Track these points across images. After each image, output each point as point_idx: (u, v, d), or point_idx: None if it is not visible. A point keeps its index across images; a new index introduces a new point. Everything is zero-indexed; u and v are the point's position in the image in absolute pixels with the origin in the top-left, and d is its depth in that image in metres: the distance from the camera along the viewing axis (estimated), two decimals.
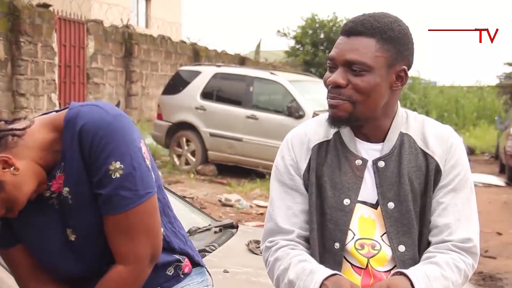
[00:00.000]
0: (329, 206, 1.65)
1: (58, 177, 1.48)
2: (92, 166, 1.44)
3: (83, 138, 1.43)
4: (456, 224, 1.64)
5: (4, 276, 1.87)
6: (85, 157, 1.44)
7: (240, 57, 18.11)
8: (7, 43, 9.05)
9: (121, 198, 1.45)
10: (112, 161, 1.43)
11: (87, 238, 1.52)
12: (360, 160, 1.66)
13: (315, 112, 9.10)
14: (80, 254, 1.54)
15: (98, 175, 1.44)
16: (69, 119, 1.46)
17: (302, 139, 1.71)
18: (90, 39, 11.32)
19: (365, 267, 1.64)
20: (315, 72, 20.30)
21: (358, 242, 1.65)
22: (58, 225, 1.52)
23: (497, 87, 26.25)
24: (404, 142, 1.68)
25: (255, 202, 8.01)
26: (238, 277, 2.20)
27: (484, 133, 19.70)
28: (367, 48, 1.58)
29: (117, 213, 1.46)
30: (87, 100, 11.22)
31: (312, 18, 23.46)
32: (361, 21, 1.61)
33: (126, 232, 1.48)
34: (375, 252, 1.64)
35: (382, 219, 1.65)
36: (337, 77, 1.60)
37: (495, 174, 12.15)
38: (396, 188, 1.64)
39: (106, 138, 1.43)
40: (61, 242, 1.53)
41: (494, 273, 5.28)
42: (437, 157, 1.66)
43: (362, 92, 1.59)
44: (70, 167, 1.47)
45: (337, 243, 1.64)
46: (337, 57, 1.61)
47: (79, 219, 1.50)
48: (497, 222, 7.22)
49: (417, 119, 1.73)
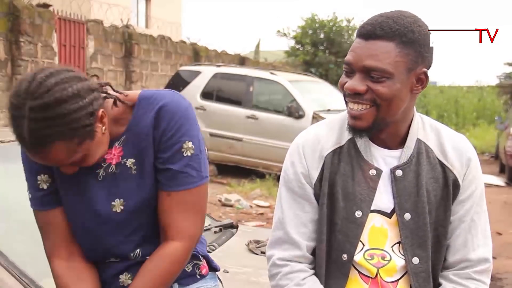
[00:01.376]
0: (340, 217, 1.60)
1: (114, 149, 1.58)
2: (165, 143, 1.54)
3: (162, 115, 1.54)
4: (473, 241, 1.63)
5: (4, 276, 1.87)
6: (159, 134, 1.54)
7: (240, 57, 18.08)
8: (7, 43, 9.04)
9: (187, 176, 1.56)
10: (185, 140, 1.55)
11: (133, 212, 1.57)
12: (375, 170, 1.60)
13: (315, 112, 9.10)
14: (118, 227, 1.59)
15: (171, 151, 1.55)
16: (144, 97, 1.59)
17: (315, 146, 1.64)
18: (90, 39, 11.31)
19: (374, 276, 1.61)
20: (315, 72, 20.28)
21: (368, 253, 1.61)
22: (103, 194, 1.58)
23: (497, 87, 26.22)
24: (422, 151, 1.62)
25: (255, 202, 8.01)
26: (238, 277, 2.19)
27: (484, 133, 19.71)
28: (387, 53, 1.50)
29: (181, 189, 1.56)
30: None
31: (312, 18, 23.41)
32: (380, 23, 1.52)
33: (185, 209, 1.57)
34: (385, 263, 1.61)
35: (395, 229, 1.61)
36: (355, 83, 1.53)
37: (495, 174, 12.15)
38: (414, 199, 1.59)
39: (183, 120, 1.55)
40: (103, 212, 1.58)
41: (494, 273, 5.27)
42: (456, 171, 1.62)
43: (383, 99, 1.52)
44: (136, 141, 1.56)
45: (345, 255, 1.60)
46: (354, 63, 1.53)
47: (134, 191, 1.56)
48: (497, 222, 7.21)
49: (433, 127, 1.68)
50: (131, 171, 1.57)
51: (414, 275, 1.60)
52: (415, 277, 1.60)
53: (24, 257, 2.04)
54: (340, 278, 1.61)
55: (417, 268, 1.60)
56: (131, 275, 1.64)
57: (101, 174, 1.59)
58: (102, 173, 1.59)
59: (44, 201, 1.63)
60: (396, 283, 1.61)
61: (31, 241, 2.22)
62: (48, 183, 1.62)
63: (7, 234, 2.18)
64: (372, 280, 1.61)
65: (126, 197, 1.57)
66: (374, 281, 1.61)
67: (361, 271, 1.62)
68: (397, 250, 1.61)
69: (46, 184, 1.63)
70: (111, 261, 1.64)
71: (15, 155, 2.55)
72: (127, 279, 1.64)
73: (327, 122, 1.71)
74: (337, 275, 1.62)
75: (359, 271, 1.62)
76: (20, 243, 2.18)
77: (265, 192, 8.62)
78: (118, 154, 1.58)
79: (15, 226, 2.26)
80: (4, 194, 2.39)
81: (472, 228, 1.63)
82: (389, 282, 1.61)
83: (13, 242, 2.15)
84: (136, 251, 1.62)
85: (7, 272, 1.87)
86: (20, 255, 2.02)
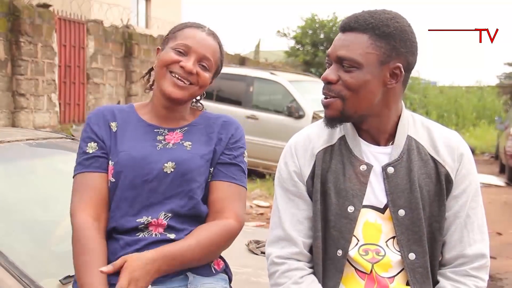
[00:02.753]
0: (333, 213, 1.63)
1: (176, 133, 1.85)
2: (233, 144, 1.86)
3: (230, 124, 1.89)
4: (469, 237, 1.63)
5: (4, 276, 1.87)
6: (227, 136, 1.86)
7: (240, 57, 18.09)
8: (7, 43, 9.04)
9: (245, 177, 1.87)
10: (245, 149, 1.90)
11: (180, 176, 1.76)
12: (365, 166, 1.63)
13: (315, 112, 9.09)
14: (162, 187, 1.75)
15: (238, 152, 1.86)
16: (208, 112, 1.95)
17: (306, 145, 1.70)
18: (90, 39, 11.31)
19: (369, 272, 1.62)
20: (315, 72, 20.27)
21: (362, 248, 1.63)
22: (158, 157, 1.77)
23: (497, 87, 26.24)
24: (413, 147, 1.64)
25: (255, 202, 8.01)
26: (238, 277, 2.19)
27: (484, 133, 19.70)
28: (358, 44, 1.57)
29: (242, 185, 1.85)
30: (87, 100, 11.23)
31: (312, 18, 23.43)
32: (356, 17, 1.60)
33: (239, 200, 1.83)
34: (380, 258, 1.62)
35: (389, 224, 1.62)
36: (328, 72, 1.62)
37: (495, 174, 12.15)
38: (407, 195, 1.61)
39: (243, 134, 1.92)
40: (155, 170, 1.76)
41: (494, 273, 5.27)
42: (448, 167, 1.64)
43: (350, 89, 1.58)
44: (197, 133, 1.86)
45: (339, 250, 1.62)
46: (331, 53, 1.62)
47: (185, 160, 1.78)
48: (497, 222, 7.21)
49: (424, 125, 1.70)
50: (187, 148, 1.82)
51: (411, 271, 1.61)
52: (412, 272, 1.61)
53: (24, 257, 2.04)
54: (335, 274, 1.63)
55: (414, 264, 1.61)
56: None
57: (160, 146, 1.81)
58: (161, 146, 1.81)
59: (86, 164, 1.80)
60: (393, 279, 1.62)
61: (31, 241, 2.22)
62: (94, 149, 1.81)
63: (7, 234, 2.18)
64: (368, 276, 1.62)
65: (177, 162, 1.77)
66: (370, 277, 1.62)
67: (357, 267, 1.63)
68: (391, 245, 1.63)
69: (93, 149, 1.81)
70: (139, 224, 1.73)
71: (15, 155, 2.55)
72: None
73: (318, 123, 1.76)
74: (332, 271, 1.63)
75: (355, 268, 1.64)
76: (20, 243, 2.18)
77: (265, 192, 8.62)
78: (178, 137, 1.84)
79: (15, 226, 2.26)
80: (4, 194, 2.39)
81: (467, 223, 1.64)
82: (385, 278, 1.62)
83: (13, 242, 2.15)
84: (168, 214, 1.75)
85: (7, 272, 1.87)
86: (20, 255, 2.02)
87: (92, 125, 1.84)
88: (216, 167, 1.83)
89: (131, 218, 1.74)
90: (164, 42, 1.88)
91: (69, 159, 1.83)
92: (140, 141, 1.81)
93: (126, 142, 1.81)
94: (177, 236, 1.73)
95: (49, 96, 9.93)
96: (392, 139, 1.66)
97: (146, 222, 1.74)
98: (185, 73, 1.80)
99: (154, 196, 1.75)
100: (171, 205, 1.75)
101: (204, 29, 1.87)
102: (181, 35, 1.84)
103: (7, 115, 9.16)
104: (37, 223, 2.34)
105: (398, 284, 1.62)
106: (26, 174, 2.57)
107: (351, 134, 1.67)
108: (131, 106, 1.93)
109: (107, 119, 1.85)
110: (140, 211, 1.75)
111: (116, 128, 1.84)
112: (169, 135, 1.84)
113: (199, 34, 1.84)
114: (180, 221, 1.75)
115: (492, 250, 1.67)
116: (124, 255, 1.67)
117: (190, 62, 1.80)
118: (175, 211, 1.75)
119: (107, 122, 1.84)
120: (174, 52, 1.81)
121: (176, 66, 1.80)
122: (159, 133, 1.85)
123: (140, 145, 1.80)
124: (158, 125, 1.86)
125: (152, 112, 1.89)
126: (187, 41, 1.82)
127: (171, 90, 1.80)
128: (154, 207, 1.75)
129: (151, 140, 1.82)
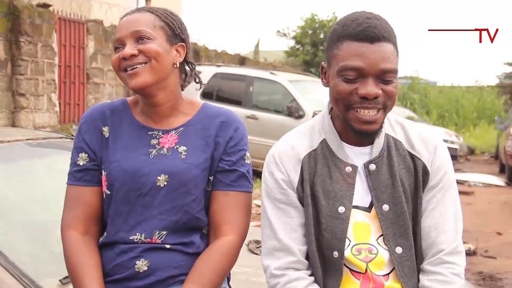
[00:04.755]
0: (324, 216, 1.63)
1: (170, 135, 1.75)
2: (232, 148, 1.76)
3: (229, 124, 1.77)
4: (444, 224, 1.65)
5: (4, 276, 1.87)
6: (226, 139, 1.75)
7: (240, 57, 18.09)
8: (7, 43, 9.04)
9: (247, 180, 1.78)
10: (247, 150, 1.79)
11: (174, 190, 1.70)
12: (350, 167, 1.65)
13: (315, 112, 9.10)
14: (156, 201, 1.70)
15: (237, 156, 1.76)
16: (208, 106, 1.83)
17: (289, 152, 1.69)
18: (90, 39, 11.31)
19: (364, 271, 1.63)
20: (315, 72, 20.28)
21: (355, 248, 1.63)
22: (151, 168, 1.71)
23: (497, 87, 26.23)
24: (391, 144, 1.68)
25: (255, 202, 7.99)
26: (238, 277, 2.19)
27: (484, 133, 19.71)
28: (393, 54, 1.57)
29: (241, 190, 1.76)
30: (87, 100, 11.23)
31: (312, 18, 23.44)
32: (380, 25, 1.56)
33: (239, 209, 1.74)
34: (373, 256, 1.63)
35: (376, 222, 1.64)
36: (374, 88, 1.55)
37: (495, 174, 12.14)
38: (390, 190, 1.64)
39: (244, 133, 1.80)
40: (147, 183, 1.70)
41: (494, 273, 5.28)
42: (424, 159, 1.67)
43: (392, 99, 1.59)
44: (193, 135, 1.75)
45: (335, 252, 1.62)
46: (368, 67, 1.54)
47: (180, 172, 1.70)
48: (497, 222, 7.22)
49: (398, 122, 1.74)
50: (181, 155, 1.73)
51: (399, 265, 1.62)
52: (400, 266, 1.62)
53: (24, 257, 2.04)
54: (335, 275, 1.63)
55: (401, 258, 1.62)
56: (148, 261, 1.69)
57: (153, 153, 1.73)
58: (154, 153, 1.74)
59: (77, 176, 1.77)
60: (387, 276, 1.63)
61: (31, 241, 2.22)
62: (85, 161, 1.77)
63: (7, 234, 2.18)
64: (363, 275, 1.63)
65: (171, 174, 1.70)
66: (365, 276, 1.63)
67: (352, 268, 1.64)
68: (382, 242, 1.64)
69: (83, 161, 1.77)
70: (134, 241, 1.69)
71: (15, 155, 2.55)
72: (143, 265, 1.69)
73: (295, 131, 1.77)
74: (333, 273, 1.64)
75: (350, 269, 1.64)
76: (20, 243, 2.18)
77: None
78: (173, 141, 1.75)
79: (15, 226, 2.26)
80: (4, 194, 2.39)
81: (442, 212, 1.66)
82: (380, 276, 1.63)
83: (13, 242, 2.15)
84: (162, 233, 1.70)
85: (7, 272, 1.87)
86: (20, 255, 2.02)
87: (83, 133, 1.78)
88: (215, 176, 1.75)
89: (125, 234, 1.71)
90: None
91: (69, 159, 1.83)
92: (133, 148, 1.74)
93: (119, 149, 1.74)
94: (172, 246, 1.71)
95: (49, 96, 9.93)
96: (371, 139, 1.67)
97: (140, 242, 1.71)
98: (129, 61, 1.67)
99: (147, 212, 1.70)
100: (165, 221, 1.70)
101: (132, 11, 1.76)
102: (116, 33, 1.74)
103: (7, 115, 9.16)
104: (37, 223, 2.34)
105: (393, 281, 1.63)
106: (26, 174, 2.57)
107: (333, 137, 1.67)
108: (124, 103, 1.83)
109: (97, 125, 1.78)
110: (134, 226, 1.71)
111: (108, 133, 1.77)
112: (163, 137, 1.75)
113: (125, 19, 1.73)
114: (176, 236, 1.71)
115: (492, 250, 1.68)
116: (120, 262, 1.69)
117: (126, 48, 1.68)
118: (169, 227, 1.71)
119: (98, 129, 1.77)
120: (115, 52, 1.72)
121: (121, 61, 1.69)
122: (153, 136, 1.76)
123: (132, 154, 1.73)
124: (152, 127, 1.77)
125: (144, 111, 1.80)
126: (117, 34, 1.71)
127: (131, 83, 1.68)
128: (147, 222, 1.70)
129: (145, 146, 1.74)
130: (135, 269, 1.69)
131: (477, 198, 9.30)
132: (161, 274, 1.69)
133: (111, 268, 1.71)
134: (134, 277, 1.69)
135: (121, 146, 1.74)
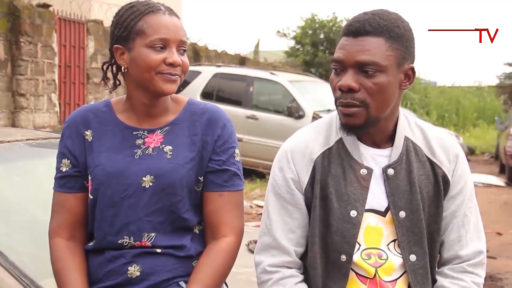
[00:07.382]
0: (335, 218, 1.60)
1: (156, 135, 1.73)
2: (220, 147, 1.73)
3: (216, 122, 1.73)
4: (467, 236, 1.64)
5: (4, 276, 1.87)
6: (214, 138, 1.72)
7: (240, 57, 18.07)
8: (7, 43, 9.04)
9: (239, 178, 1.76)
10: (236, 147, 1.75)
11: (160, 191, 1.68)
12: (365, 170, 1.61)
13: (315, 112, 9.10)
14: (142, 203, 1.68)
15: (227, 154, 1.73)
16: (193, 103, 1.79)
17: (303, 150, 1.65)
18: (90, 39, 11.30)
19: (373, 277, 1.60)
20: (315, 72, 20.26)
21: (365, 252, 1.61)
22: (136, 169, 1.69)
23: (497, 87, 26.22)
24: (411, 149, 1.63)
25: (255, 202, 8.00)
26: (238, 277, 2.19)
27: (484, 133, 19.70)
28: (378, 47, 1.52)
29: (234, 190, 1.74)
30: (87, 100, 11.22)
31: (312, 18, 23.40)
32: (367, 20, 1.54)
33: (234, 208, 1.73)
34: (383, 262, 1.61)
35: (390, 227, 1.61)
36: (349, 80, 1.53)
37: (495, 174, 12.14)
38: (408, 196, 1.60)
39: (232, 129, 1.76)
40: (132, 185, 1.68)
41: (494, 273, 5.27)
42: (445, 168, 1.64)
43: (374, 95, 1.53)
44: (180, 134, 1.72)
45: (343, 256, 1.60)
46: (346, 59, 1.54)
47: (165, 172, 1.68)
48: (497, 222, 7.21)
49: (418, 125, 1.69)
50: (167, 155, 1.70)
51: (412, 273, 1.60)
52: (413, 274, 1.60)
53: (24, 257, 2.04)
54: (340, 279, 1.61)
55: (415, 265, 1.61)
56: (140, 266, 1.67)
57: (138, 153, 1.71)
58: (139, 153, 1.71)
59: (61, 183, 1.76)
60: (395, 282, 1.61)
61: (31, 241, 2.22)
62: (68, 168, 1.75)
63: (7, 234, 2.18)
64: (370, 280, 1.61)
65: (156, 175, 1.68)
66: (372, 281, 1.61)
67: (358, 272, 1.62)
68: (392, 248, 1.62)
69: (66, 167, 1.75)
70: (123, 244, 1.68)
71: (15, 155, 2.55)
72: (136, 271, 1.68)
73: (313, 125, 1.72)
74: (337, 276, 1.61)
75: (356, 272, 1.62)
76: (20, 243, 2.18)
77: (265, 192, 8.61)
78: (158, 140, 1.72)
79: (15, 226, 2.26)
80: (4, 194, 2.39)
81: (465, 223, 1.65)
82: (387, 282, 1.61)
83: (13, 242, 2.15)
84: (150, 234, 1.68)
85: (7, 272, 1.87)
86: (20, 255, 2.02)
87: (65, 138, 1.76)
88: (206, 176, 1.72)
89: (112, 238, 1.70)
90: (123, 38, 1.70)
91: None
92: (118, 150, 1.71)
93: (103, 153, 1.71)
94: (163, 250, 1.70)
95: (49, 96, 9.93)
96: (390, 141, 1.64)
97: (129, 245, 1.69)
98: (172, 69, 1.67)
99: (133, 214, 1.68)
100: (152, 223, 1.68)
101: (161, 9, 1.70)
102: (148, 28, 1.66)
103: (7, 115, 9.15)
104: (37, 223, 2.34)
105: (400, 287, 1.62)
106: (26, 175, 2.56)
107: (350, 137, 1.63)
108: (108, 105, 1.78)
109: (80, 129, 1.74)
110: (121, 229, 1.69)
111: (92, 137, 1.73)
112: (148, 137, 1.72)
113: (165, 19, 1.68)
114: (166, 238, 1.69)
115: (492, 250, 1.68)
116: (112, 268, 1.69)
117: (174, 55, 1.66)
118: (157, 229, 1.69)
119: (81, 134, 1.74)
120: (153, 51, 1.66)
121: (163, 65, 1.66)
122: (138, 135, 1.73)
123: (117, 157, 1.70)
124: (137, 127, 1.74)
125: (131, 110, 1.75)
126: (160, 33, 1.66)
127: (165, 88, 1.67)
128: (134, 225, 1.68)
129: (129, 147, 1.71)
130: (128, 275, 1.68)
131: (477, 198, 9.16)
132: (154, 278, 1.68)
133: (103, 274, 1.70)
134: (128, 283, 1.68)
135: (105, 149, 1.72)
